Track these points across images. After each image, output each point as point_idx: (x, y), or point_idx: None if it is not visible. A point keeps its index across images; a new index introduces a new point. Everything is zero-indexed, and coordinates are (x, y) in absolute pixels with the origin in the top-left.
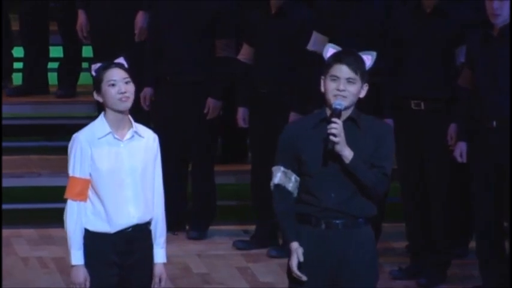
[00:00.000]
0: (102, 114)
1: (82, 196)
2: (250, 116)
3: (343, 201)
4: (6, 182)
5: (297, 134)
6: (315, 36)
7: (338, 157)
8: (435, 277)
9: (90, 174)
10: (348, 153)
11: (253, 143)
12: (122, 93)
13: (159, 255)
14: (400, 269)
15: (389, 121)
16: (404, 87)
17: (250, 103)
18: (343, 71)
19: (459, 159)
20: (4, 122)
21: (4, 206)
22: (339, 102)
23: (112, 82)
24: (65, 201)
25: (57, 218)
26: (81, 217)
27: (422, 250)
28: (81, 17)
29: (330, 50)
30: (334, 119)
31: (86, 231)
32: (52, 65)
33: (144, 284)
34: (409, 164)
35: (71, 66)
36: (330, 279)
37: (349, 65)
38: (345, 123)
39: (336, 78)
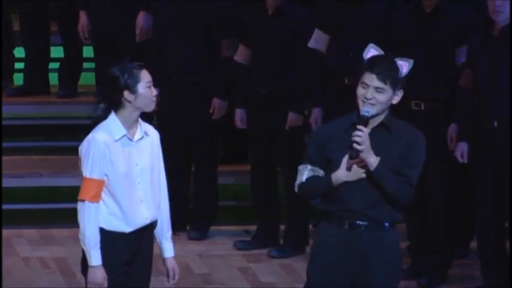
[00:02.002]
0: (114, 115)
1: (98, 197)
2: (249, 117)
3: (369, 206)
4: (7, 182)
5: (328, 135)
6: (317, 34)
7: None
8: (436, 277)
9: (106, 176)
10: (373, 161)
11: (253, 143)
12: (155, 95)
13: (169, 249)
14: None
15: None
16: (406, 87)
17: (248, 104)
18: (372, 79)
19: (460, 160)
20: (5, 122)
21: (5, 206)
22: (366, 110)
23: (149, 84)
24: (66, 201)
25: (58, 218)
26: (98, 218)
27: (423, 250)
28: (83, 17)
29: (371, 51)
30: (359, 127)
31: (101, 230)
32: (53, 65)
33: (146, 280)
34: None
35: (71, 67)
36: (351, 280)
37: (378, 74)
38: (377, 128)
39: (365, 86)
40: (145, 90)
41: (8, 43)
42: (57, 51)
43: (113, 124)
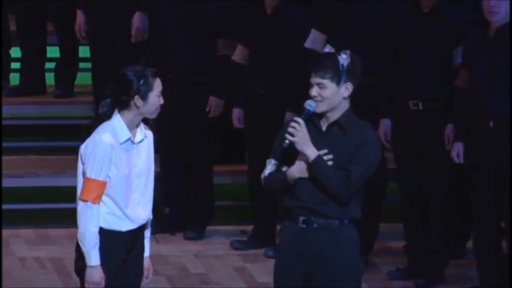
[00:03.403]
0: (119, 116)
1: (100, 199)
2: (247, 116)
3: (321, 202)
4: (5, 182)
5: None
6: (314, 34)
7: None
8: (433, 277)
9: (109, 177)
10: (311, 153)
11: (250, 143)
12: (161, 103)
13: (147, 249)
14: (398, 269)
15: (387, 121)
16: (402, 87)
17: (246, 103)
18: (314, 77)
19: (456, 160)
20: (2, 122)
21: (2, 206)
22: (309, 103)
23: (159, 94)
24: (63, 201)
25: (55, 218)
26: (99, 219)
27: (420, 250)
28: (80, 17)
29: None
30: (295, 118)
31: (99, 229)
32: (50, 65)
33: (140, 276)
34: (407, 164)
35: (68, 67)
36: (306, 278)
37: (317, 71)
38: (331, 126)
39: (312, 85)
40: (155, 99)
41: (6, 43)
42: (53, 51)
43: (118, 126)
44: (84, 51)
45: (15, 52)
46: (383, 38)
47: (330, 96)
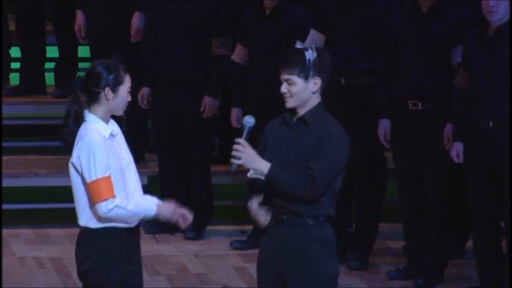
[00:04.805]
0: (91, 114)
1: (114, 192)
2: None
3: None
4: (4, 182)
5: (267, 132)
6: (313, 34)
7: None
8: (432, 277)
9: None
10: (263, 167)
11: (249, 143)
12: (129, 101)
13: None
14: (397, 269)
15: (386, 121)
16: (401, 87)
17: (245, 103)
18: (282, 74)
19: (455, 160)
20: (2, 122)
21: (2, 206)
22: (246, 119)
23: (129, 89)
24: (62, 201)
25: (54, 218)
26: (128, 201)
27: (420, 250)
28: (80, 17)
29: (294, 47)
30: (237, 140)
31: (107, 229)
32: (49, 65)
33: (141, 275)
34: (406, 164)
35: (67, 66)
36: (279, 277)
37: (284, 68)
38: (297, 122)
39: (281, 81)
40: (125, 94)
41: (5, 43)
42: (53, 51)
43: (96, 123)
44: (83, 51)
45: (14, 52)
46: (381, 38)
47: (299, 91)
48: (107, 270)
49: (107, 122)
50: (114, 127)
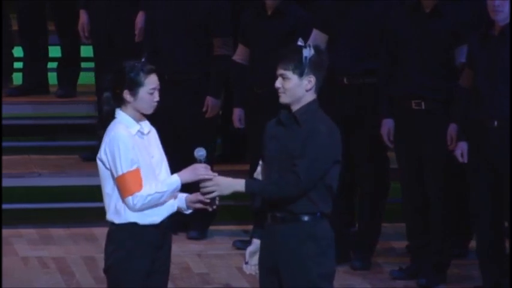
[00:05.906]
0: (122, 111)
1: (142, 185)
2: (248, 117)
3: None
4: (6, 182)
5: (265, 132)
6: (315, 34)
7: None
8: (435, 277)
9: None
10: (239, 187)
11: (251, 143)
12: (156, 101)
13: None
14: (400, 269)
15: (389, 120)
16: (402, 87)
17: (247, 103)
18: (278, 68)
19: (460, 159)
20: (4, 122)
21: (4, 206)
22: (198, 153)
23: (153, 90)
24: (65, 201)
25: (57, 218)
26: (153, 186)
27: (422, 250)
28: (83, 16)
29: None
30: (205, 177)
31: (134, 225)
32: (52, 64)
33: (167, 275)
34: (408, 164)
35: (70, 66)
36: (276, 275)
37: (281, 62)
38: (290, 119)
39: (277, 76)
40: (146, 95)
41: (7, 42)
42: (56, 51)
43: (124, 119)
44: (86, 50)
45: (17, 52)
46: (383, 38)
47: (292, 87)
48: (128, 268)
49: (137, 120)
50: (145, 125)
